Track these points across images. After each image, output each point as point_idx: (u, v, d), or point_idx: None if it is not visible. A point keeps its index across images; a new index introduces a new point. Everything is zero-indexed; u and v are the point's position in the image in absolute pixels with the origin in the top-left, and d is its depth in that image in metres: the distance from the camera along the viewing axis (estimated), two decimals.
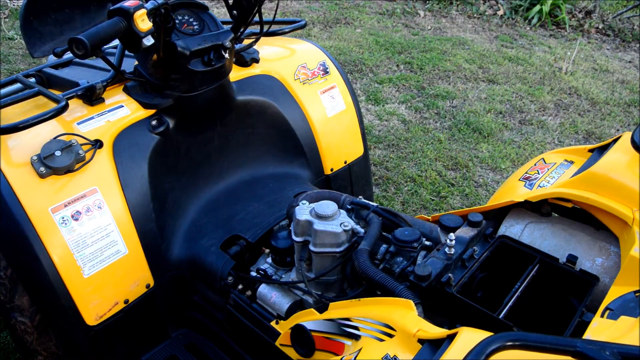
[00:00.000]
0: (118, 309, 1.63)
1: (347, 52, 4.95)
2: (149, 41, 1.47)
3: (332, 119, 2.18)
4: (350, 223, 1.43)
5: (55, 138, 1.53)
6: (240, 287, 1.67)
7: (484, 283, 1.40)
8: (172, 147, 1.79)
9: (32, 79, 1.91)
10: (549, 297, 1.35)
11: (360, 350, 1.13)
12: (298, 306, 1.55)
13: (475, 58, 5.09)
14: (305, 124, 2.10)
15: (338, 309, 1.32)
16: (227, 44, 1.68)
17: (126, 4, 1.40)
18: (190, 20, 1.68)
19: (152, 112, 1.74)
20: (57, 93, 1.64)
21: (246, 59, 2.02)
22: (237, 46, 1.98)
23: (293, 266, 1.61)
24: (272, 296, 1.57)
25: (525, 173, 1.73)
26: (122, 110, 1.71)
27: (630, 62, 5.46)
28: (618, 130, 4.06)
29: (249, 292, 1.66)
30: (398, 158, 3.49)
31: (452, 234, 1.36)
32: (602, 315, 1.11)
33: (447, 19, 6.22)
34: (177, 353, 1.79)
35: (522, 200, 1.49)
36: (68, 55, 1.97)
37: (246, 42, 2.05)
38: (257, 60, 2.06)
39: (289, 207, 1.64)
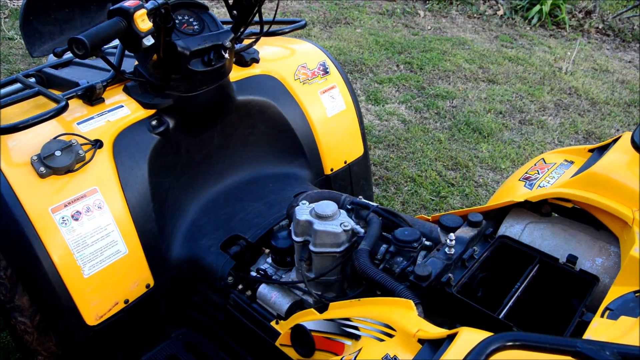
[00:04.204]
0: (118, 309, 1.63)
1: (347, 52, 4.95)
2: (149, 41, 1.47)
3: (332, 119, 2.18)
4: (350, 223, 1.43)
5: (55, 138, 1.53)
6: (240, 287, 1.67)
7: (484, 283, 1.40)
8: (172, 147, 1.79)
9: (32, 79, 1.91)
10: (549, 297, 1.36)
11: (360, 350, 1.13)
12: (298, 306, 1.55)
13: (475, 58, 5.09)
14: (305, 124, 2.10)
15: (338, 309, 1.32)
16: (227, 44, 1.68)
17: (126, 4, 1.40)
18: (190, 20, 1.68)
19: (152, 112, 1.74)
20: (57, 93, 1.64)
21: (246, 59, 2.02)
22: (237, 46, 1.98)
23: (293, 266, 1.61)
24: (272, 296, 1.57)
25: (525, 173, 1.73)
26: (122, 110, 1.71)
27: (630, 62, 5.46)
28: (618, 130, 4.06)
29: (249, 292, 1.66)
30: (398, 158, 3.49)
31: (452, 234, 1.36)
32: (602, 315, 1.11)
33: (447, 19, 6.23)
34: (177, 353, 1.79)
35: (522, 200, 1.49)
36: (68, 55, 1.97)
37: (246, 42, 2.05)
38: (257, 60, 2.06)
39: (289, 207, 1.64)
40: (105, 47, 1.72)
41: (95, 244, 1.55)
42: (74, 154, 1.53)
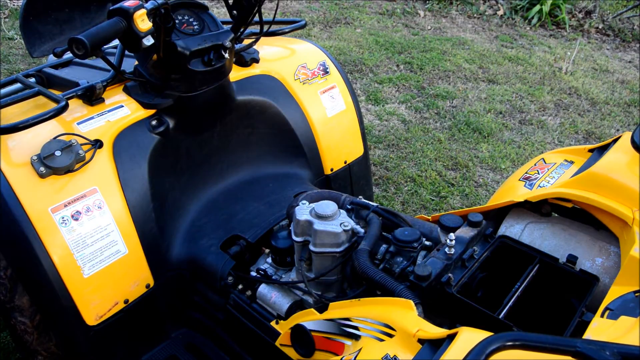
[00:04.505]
0: (118, 309, 1.63)
1: (347, 52, 4.95)
2: (148, 41, 1.47)
3: (332, 119, 2.18)
4: (350, 223, 1.43)
5: (55, 138, 1.53)
6: (240, 287, 1.67)
7: (484, 283, 1.40)
8: (172, 147, 1.79)
9: (32, 79, 1.91)
10: (549, 297, 1.36)
11: (360, 350, 1.13)
12: (298, 306, 1.55)
13: (475, 58, 5.09)
14: (305, 124, 2.10)
15: (338, 309, 1.32)
16: (227, 44, 1.68)
17: (126, 4, 1.40)
18: (190, 20, 1.68)
19: (152, 112, 1.74)
20: (57, 93, 1.64)
21: (246, 59, 2.02)
22: (237, 46, 1.98)
23: (293, 266, 1.61)
24: (272, 296, 1.57)
25: (525, 173, 1.73)
26: (122, 110, 1.71)
27: (630, 62, 5.46)
28: (618, 130, 4.06)
29: (249, 292, 1.66)
30: (398, 158, 3.49)
31: (452, 234, 1.36)
32: (602, 315, 1.11)
33: (447, 19, 6.23)
34: (177, 353, 1.79)
35: (522, 200, 1.49)
36: (68, 55, 1.97)
37: (246, 42, 2.05)
38: (257, 60, 2.06)
39: (289, 207, 1.64)
40: (105, 47, 1.72)
41: (95, 244, 1.55)
42: (74, 154, 1.53)
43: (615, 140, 1.56)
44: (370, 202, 1.61)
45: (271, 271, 1.63)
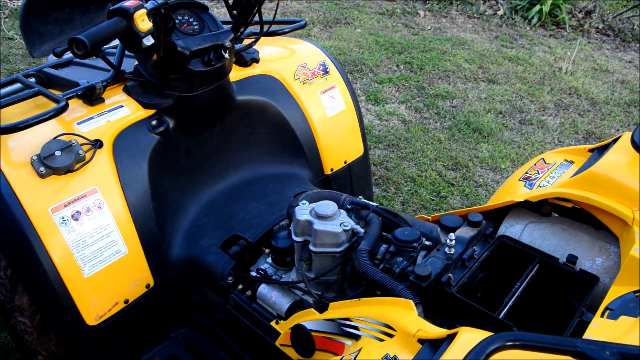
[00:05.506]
0: (118, 309, 1.63)
1: (347, 52, 4.95)
2: (149, 41, 1.47)
3: (332, 119, 2.18)
4: (350, 223, 1.43)
5: (55, 138, 1.53)
6: (240, 287, 1.67)
7: (484, 283, 1.40)
8: (172, 147, 1.79)
9: (32, 79, 1.91)
10: (549, 297, 1.36)
11: (360, 350, 1.13)
12: (298, 306, 1.55)
13: (475, 58, 5.09)
14: (305, 124, 2.10)
15: (338, 309, 1.32)
16: (227, 44, 1.68)
17: (126, 4, 1.40)
18: (190, 20, 1.68)
19: (152, 112, 1.74)
20: (57, 93, 1.64)
21: (246, 59, 2.02)
22: (237, 46, 1.98)
23: (293, 266, 1.61)
24: (272, 296, 1.57)
25: (525, 173, 1.73)
26: (122, 110, 1.71)
27: (630, 62, 5.46)
28: (618, 130, 4.06)
29: (249, 292, 1.66)
30: (398, 158, 3.49)
31: (452, 234, 1.36)
32: (602, 315, 1.11)
33: (447, 19, 6.22)
34: (177, 353, 1.79)
35: (522, 200, 1.49)
36: (68, 55, 1.97)
37: (246, 42, 2.05)
38: (257, 60, 2.06)
39: (289, 207, 1.64)
40: (105, 47, 1.72)
41: (95, 244, 1.55)
42: (74, 154, 1.53)
43: (615, 140, 1.56)
44: (370, 202, 1.61)
45: (271, 271, 1.63)
